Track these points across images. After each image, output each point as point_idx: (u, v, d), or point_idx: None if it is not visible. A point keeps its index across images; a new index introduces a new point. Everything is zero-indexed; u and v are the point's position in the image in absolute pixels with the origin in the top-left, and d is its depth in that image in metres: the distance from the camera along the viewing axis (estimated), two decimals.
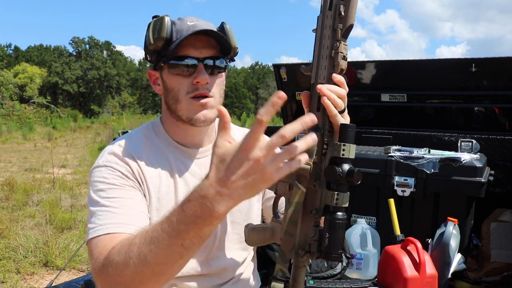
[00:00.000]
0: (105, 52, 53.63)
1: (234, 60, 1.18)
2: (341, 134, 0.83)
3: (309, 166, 0.84)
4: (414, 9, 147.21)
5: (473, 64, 2.43)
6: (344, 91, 0.86)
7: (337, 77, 0.85)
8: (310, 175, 0.85)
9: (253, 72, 57.78)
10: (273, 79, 3.33)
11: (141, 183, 1.07)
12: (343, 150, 0.81)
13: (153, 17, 1.08)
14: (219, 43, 1.08)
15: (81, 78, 49.41)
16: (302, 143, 0.68)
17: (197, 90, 1.06)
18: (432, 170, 1.89)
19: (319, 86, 0.84)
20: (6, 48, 51.94)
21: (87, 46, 52.54)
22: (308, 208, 0.86)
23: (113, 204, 0.99)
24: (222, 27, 1.12)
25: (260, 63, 60.96)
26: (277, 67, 3.09)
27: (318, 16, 0.86)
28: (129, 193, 1.04)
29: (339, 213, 0.82)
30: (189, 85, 1.06)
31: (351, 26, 0.83)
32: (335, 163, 0.82)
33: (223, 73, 1.13)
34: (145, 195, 1.07)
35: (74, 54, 51.96)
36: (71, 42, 52.35)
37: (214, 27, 1.11)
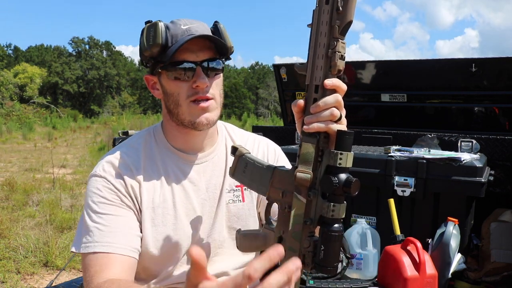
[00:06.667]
0: (105, 52, 53.63)
1: (231, 59, 1.17)
2: (337, 141, 0.78)
3: (309, 176, 0.80)
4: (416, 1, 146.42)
5: (473, 64, 2.43)
6: (338, 97, 0.80)
7: (328, 84, 0.78)
8: (310, 185, 0.80)
9: (253, 72, 57.77)
10: (273, 79, 3.34)
11: (134, 198, 1.08)
12: (340, 159, 0.76)
13: (146, 23, 1.07)
14: (214, 44, 1.08)
15: (81, 78, 49.40)
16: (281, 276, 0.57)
17: (197, 94, 1.06)
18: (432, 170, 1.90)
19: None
20: (6, 48, 51.96)
21: (87, 46, 52.55)
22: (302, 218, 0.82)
23: (102, 221, 1.03)
24: (216, 27, 1.11)
25: (260, 63, 61.04)
26: (277, 67, 3.09)
27: (313, 10, 0.79)
28: (120, 210, 1.05)
29: (335, 225, 0.78)
30: (189, 88, 1.06)
31: (350, 23, 0.76)
32: (331, 172, 0.77)
33: (221, 74, 1.12)
34: (138, 210, 1.08)
35: (74, 54, 51.95)
36: (71, 42, 52.38)
37: (207, 27, 1.11)
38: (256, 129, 3.02)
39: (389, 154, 2.01)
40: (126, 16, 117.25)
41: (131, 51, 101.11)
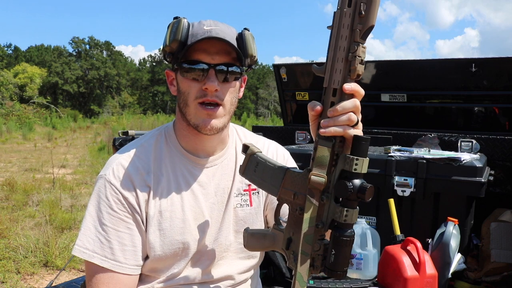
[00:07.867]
0: (105, 52, 53.64)
1: (253, 68, 1.14)
2: (353, 147, 0.78)
3: (323, 179, 0.80)
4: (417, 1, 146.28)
5: (473, 64, 2.44)
6: (356, 101, 0.80)
7: (347, 88, 0.78)
8: (324, 188, 0.80)
9: (253, 72, 57.72)
10: (273, 79, 3.34)
11: (143, 205, 1.07)
12: (356, 164, 0.76)
13: (174, 18, 1.06)
14: (234, 50, 1.04)
15: (81, 78, 49.42)
16: None
17: (206, 96, 1.03)
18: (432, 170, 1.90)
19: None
20: (6, 48, 51.95)
21: (87, 46, 52.57)
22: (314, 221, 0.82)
23: (105, 234, 1.04)
24: (241, 34, 1.08)
25: (260, 63, 60.97)
26: (277, 67, 3.09)
27: (334, 12, 0.79)
28: (124, 225, 1.05)
29: (347, 230, 0.78)
30: (199, 90, 1.04)
31: (372, 28, 0.75)
32: (345, 177, 0.77)
33: (237, 81, 1.09)
34: (144, 218, 1.07)
35: (74, 54, 51.96)
36: (71, 42, 52.43)
37: (234, 32, 1.08)
38: (256, 129, 3.02)
39: (389, 154, 2.01)
40: (126, 16, 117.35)
41: (131, 51, 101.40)
